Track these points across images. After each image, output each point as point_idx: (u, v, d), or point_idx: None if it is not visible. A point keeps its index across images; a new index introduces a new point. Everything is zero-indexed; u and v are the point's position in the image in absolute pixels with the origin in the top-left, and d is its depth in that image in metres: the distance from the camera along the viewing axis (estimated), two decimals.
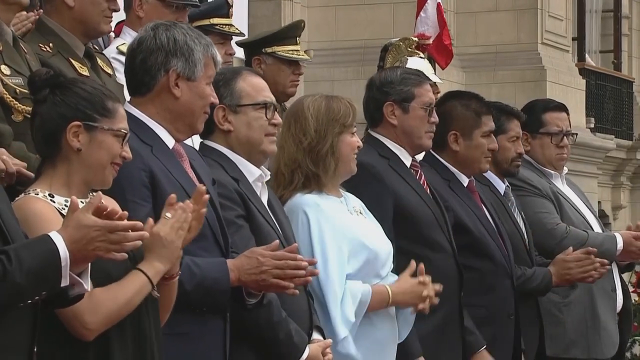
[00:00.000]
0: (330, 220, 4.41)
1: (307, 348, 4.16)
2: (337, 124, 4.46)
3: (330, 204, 4.46)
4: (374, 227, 4.57)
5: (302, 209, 4.40)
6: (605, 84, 15.24)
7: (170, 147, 3.89)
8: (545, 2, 12.56)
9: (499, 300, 5.20)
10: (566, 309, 5.64)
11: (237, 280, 3.85)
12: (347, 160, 4.48)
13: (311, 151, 4.44)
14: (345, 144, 4.47)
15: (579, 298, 5.73)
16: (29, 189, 3.46)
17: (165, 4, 5.18)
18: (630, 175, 15.68)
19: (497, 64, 12.24)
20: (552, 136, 5.94)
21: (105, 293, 3.33)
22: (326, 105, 4.49)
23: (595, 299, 5.77)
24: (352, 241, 4.43)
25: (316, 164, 4.44)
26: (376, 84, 5.00)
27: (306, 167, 4.44)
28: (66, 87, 3.48)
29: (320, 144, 4.44)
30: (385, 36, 7.72)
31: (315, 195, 4.44)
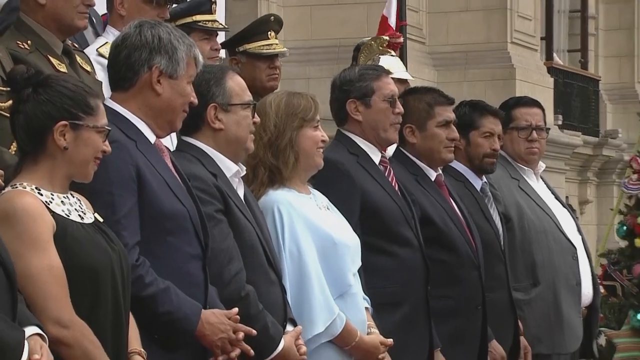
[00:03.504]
0: (302, 216, 4.42)
1: (282, 339, 4.18)
2: (297, 118, 4.47)
3: (301, 200, 4.47)
4: (341, 222, 4.59)
5: (276, 206, 4.41)
6: (572, 82, 15.31)
7: (152, 142, 3.91)
8: (514, 3, 12.60)
9: (466, 292, 5.21)
10: (527, 307, 5.66)
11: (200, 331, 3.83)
12: (309, 153, 4.49)
13: (271, 145, 4.46)
14: (306, 137, 4.48)
15: (541, 295, 5.75)
16: (14, 182, 3.47)
17: (145, 1, 5.17)
18: (596, 171, 15.74)
19: (468, 63, 12.27)
20: (520, 130, 5.96)
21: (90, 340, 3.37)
22: (286, 101, 4.51)
23: (559, 295, 5.79)
24: (322, 236, 4.44)
25: (276, 157, 4.45)
26: (337, 84, 5.04)
27: (267, 161, 4.45)
28: (49, 85, 3.50)
29: (280, 138, 4.45)
30: (359, 35, 7.74)
31: (286, 191, 4.45)
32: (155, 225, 3.78)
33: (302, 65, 10.32)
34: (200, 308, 3.84)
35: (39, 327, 3.20)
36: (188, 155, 4.15)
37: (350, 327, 4.45)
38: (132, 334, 3.57)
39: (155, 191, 3.79)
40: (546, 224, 5.88)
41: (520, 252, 5.73)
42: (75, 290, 3.38)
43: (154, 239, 3.78)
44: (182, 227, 3.83)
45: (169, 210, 3.80)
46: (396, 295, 4.88)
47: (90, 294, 3.42)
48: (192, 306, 3.81)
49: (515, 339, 5.57)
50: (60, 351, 3.28)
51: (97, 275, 3.42)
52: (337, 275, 4.46)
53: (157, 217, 3.78)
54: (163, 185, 3.81)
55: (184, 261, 3.84)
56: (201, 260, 3.90)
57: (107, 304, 3.45)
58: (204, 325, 3.82)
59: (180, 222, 3.83)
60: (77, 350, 3.34)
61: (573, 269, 5.89)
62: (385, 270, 4.83)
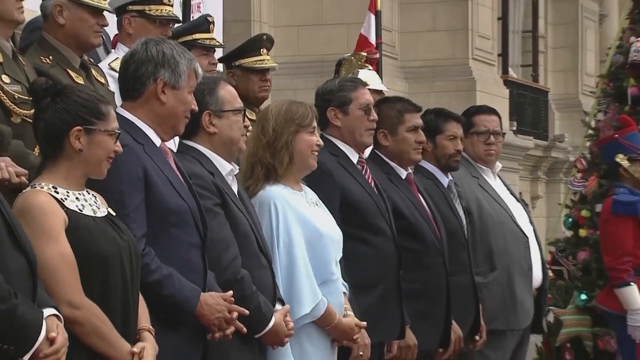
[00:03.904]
0: (294, 210, 4.39)
1: (273, 317, 4.16)
2: (294, 123, 4.44)
3: (293, 196, 4.44)
4: (327, 217, 4.56)
5: (272, 201, 4.37)
6: (525, 93, 15.32)
7: (158, 146, 3.88)
8: (474, 24, 12.60)
9: (432, 276, 5.19)
10: (485, 289, 5.64)
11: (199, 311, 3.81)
12: (303, 155, 4.46)
13: (269, 146, 4.42)
14: (302, 141, 4.45)
15: (497, 278, 5.73)
16: (34, 182, 3.46)
17: (149, 21, 5.15)
18: (546, 170, 15.76)
19: (435, 76, 12.27)
20: (480, 135, 5.95)
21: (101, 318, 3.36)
22: (286, 108, 4.48)
23: (513, 278, 5.78)
24: (310, 229, 4.41)
25: (273, 156, 4.42)
26: (320, 94, 5.03)
27: (265, 160, 4.42)
28: (65, 95, 3.47)
29: (277, 140, 4.42)
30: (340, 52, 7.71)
31: (281, 188, 4.41)
32: (160, 219, 3.76)
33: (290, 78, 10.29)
34: (199, 291, 3.81)
35: (56, 308, 3.18)
36: (188, 157, 4.13)
37: (331, 310, 4.42)
38: (142, 314, 3.54)
39: (160, 189, 3.76)
40: (502, 216, 5.87)
41: (480, 241, 5.72)
42: (87, 275, 3.36)
43: (159, 231, 3.75)
44: (184, 220, 3.81)
45: (172, 205, 3.78)
46: (372, 279, 4.86)
47: (100, 278, 3.39)
48: (192, 290, 3.78)
49: (476, 316, 5.54)
50: (73, 329, 3.26)
51: (107, 262, 3.39)
52: (322, 264, 4.43)
53: (161, 212, 3.76)
54: (167, 183, 3.79)
55: (185, 250, 3.81)
56: (200, 249, 3.87)
57: (116, 288, 3.42)
58: (203, 307, 3.79)
59: (182, 216, 3.80)
60: (88, 327, 3.31)
61: (525, 255, 5.88)
62: (363, 256, 4.81)
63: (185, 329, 3.81)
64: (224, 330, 3.87)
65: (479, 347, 5.57)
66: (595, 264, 7.16)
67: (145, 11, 5.15)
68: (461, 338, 5.35)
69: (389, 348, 4.96)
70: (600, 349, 6.99)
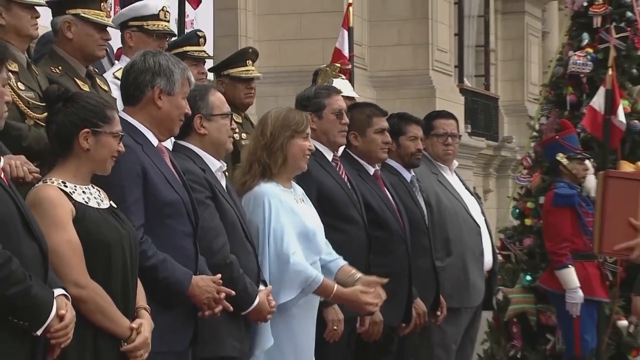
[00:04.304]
0: (285, 206, 4.35)
1: (257, 297, 4.13)
2: (290, 129, 4.40)
3: (284, 193, 4.39)
4: (312, 212, 4.52)
5: (267, 198, 4.33)
6: (478, 100, 15.34)
7: (155, 146, 3.84)
8: (434, 39, 12.60)
9: (397, 261, 5.16)
10: (442, 272, 5.62)
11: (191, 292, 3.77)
12: (295, 158, 4.41)
13: (266, 148, 4.39)
14: (295, 145, 4.41)
15: (453, 263, 5.71)
16: (45, 178, 3.44)
17: (147, 35, 5.11)
18: (496, 167, 15.79)
19: (400, 85, 12.25)
20: (439, 137, 5.92)
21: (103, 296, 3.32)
22: (284, 115, 4.44)
23: (467, 262, 5.76)
24: (298, 223, 4.37)
25: (269, 157, 4.38)
26: (298, 100, 4.99)
27: (262, 159, 4.38)
28: (75, 101, 3.45)
29: (274, 143, 4.38)
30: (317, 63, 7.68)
31: (274, 185, 4.37)
32: (156, 211, 3.72)
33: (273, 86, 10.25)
34: (191, 274, 3.78)
35: (64, 289, 3.16)
36: (182, 155, 4.10)
37: (327, 284, 4.34)
38: (140, 294, 3.51)
39: (156, 184, 3.73)
40: (457, 208, 5.85)
41: (438, 230, 5.70)
42: (92, 260, 3.33)
43: (156, 221, 3.72)
44: (178, 211, 3.78)
45: (167, 198, 3.75)
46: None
47: (104, 262, 3.36)
48: (184, 273, 3.75)
49: (437, 295, 5.53)
50: (79, 307, 3.23)
51: (110, 248, 3.37)
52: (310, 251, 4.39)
53: (158, 204, 3.72)
54: (163, 179, 3.76)
55: (179, 238, 3.78)
56: (192, 237, 3.84)
57: (117, 271, 3.39)
58: (194, 288, 3.76)
59: (176, 207, 3.77)
60: (92, 305, 3.28)
61: (477, 242, 5.87)
62: (337, 243, 4.76)
63: (178, 308, 3.77)
64: (213, 309, 3.84)
65: (440, 321, 5.56)
66: (538, 249, 7.17)
67: (144, 26, 5.11)
68: (425, 313, 5.33)
69: (362, 322, 4.94)
70: (543, 323, 6.99)
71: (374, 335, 4.99)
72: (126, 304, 3.41)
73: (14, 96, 3.83)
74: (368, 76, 12.17)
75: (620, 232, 4.05)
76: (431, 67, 12.57)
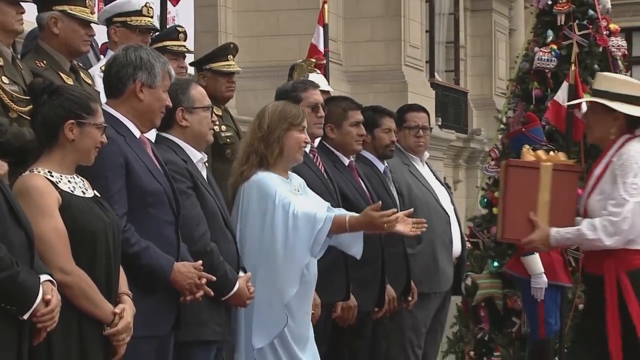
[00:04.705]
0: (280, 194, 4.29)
1: (237, 283, 4.12)
2: (286, 122, 4.39)
3: (282, 183, 4.35)
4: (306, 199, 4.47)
5: (268, 180, 4.28)
6: (448, 94, 15.37)
7: (138, 137, 3.82)
8: (406, 36, 12.60)
9: (370, 248, 5.12)
10: (413, 259, 5.63)
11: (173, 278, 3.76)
12: (291, 149, 4.39)
13: (264, 139, 4.37)
14: (291, 137, 4.39)
15: (423, 250, 5.72)
16: (32, 167, 3.41)
17: (131, 30, 5.10)
18: (465, 158, 15.84)
19: (373, 79, 12.26)
20: (411, 129, 5.93)
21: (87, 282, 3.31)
22: (281, 109, 4.43)
23: (436, 250, 5.77)
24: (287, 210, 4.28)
25: (266, 148, 4.36)
26: (278, 93, 4.98)
27: (259, 150, 4.36)
28: (60, 93, 3.43)
29: (270, 135, 4.36)
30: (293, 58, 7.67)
31: (270, 174, 4.35)
32: (139, 200, 3.71)
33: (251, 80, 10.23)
34: (173, 261, 3.77)
35: (50, 275, 3.15)
36: (164, 146, 4.08)
37: (338, 218, 4.26)
38: (122, 281, 3.50)
39: (139, 174, 3.71)
40: (428, 197, 5.86)
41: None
42: (78, 247, 3.32)
43: (138, 210, 3.70)
44: (160, 200, 3.76)
45: (149, 188, 3.73)
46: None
47: (89, 250, 3.35)
48: (166, 260, 3.74)
49: (408, 282, 5.55)
50: (64, 292, 3.22)
51: (94, 236, 3.36)
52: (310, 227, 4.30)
53: (140, 194, 3.71)
54: (145, 169, 3.74)
55: (161, 226, 3.77)
56: (174, 225, 3.83)
57: (101, 258, 3.38)
58: (176, 274, 3.76)
59: (158, 197, 3.76)
60: (77, 290, 3.28)
61: (447, 231, 5.88)
62: None
63: (161, 293, 3.77)
64: (194, 294, 3.83)
65: (411, 306, 5.57)
66: None
67: (127, 22, 5.10)
68: (395, 298, 5.34)
69: (335, 308, 4.94)
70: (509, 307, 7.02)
71: (348, 320, 5.00)
72: (109, 289, 3.40)
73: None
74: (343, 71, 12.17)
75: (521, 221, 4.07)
76: (403, 63, 12.58)
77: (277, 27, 11.27)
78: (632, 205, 4.16)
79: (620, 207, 4.21)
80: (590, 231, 4.21)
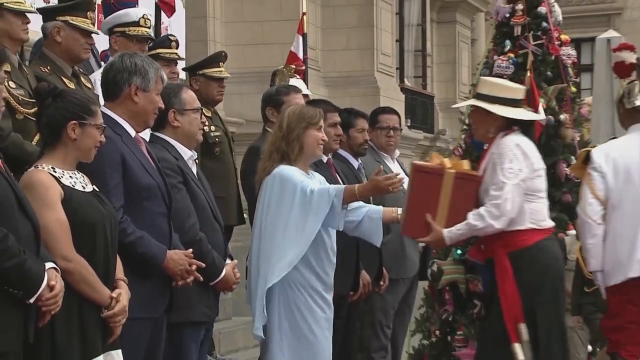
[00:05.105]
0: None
1: (224, 269, 4.12)
2: (304, 121, 4.35)
3: (300, 173, 4.29)
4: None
5: (290, 170, 4.24)
6: (416, 98, 15.41)
7: (133, 137, 3.81)
8: (379, 44, 12.63)
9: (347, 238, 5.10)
10: (383, 247, 5.62)
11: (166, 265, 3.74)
12: (310, 146, 4.34)
13: (284, 138, 4.32)
14: (310, 135, 4.34)
15: (391, 239, 5.68)
16: (37, 164, 3.39)
17: (129, 39, 5.10)
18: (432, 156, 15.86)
19: (349, 84, 12.26)
20: (382, 130, 5.93)
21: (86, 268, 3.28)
22: (300, 110, 4.40)
23: (404, 239, 5.74)
24: None
25: (287, 145, 4.31)
26: (264, 97, 4.99)
27: (281, 147, 4.32)
28: (64, 96, 3.42)
29: (290, 134, 4.32)
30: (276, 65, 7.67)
31: (290, 166, 4.30)
32: (134, 194, 3.69)
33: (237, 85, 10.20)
34: (165, 249, 3.76)
35: (54, 262, 3.14)
36: (158, 145, 4.07)
37: (349, 187, 4.21)
38: (119, 268, 3.49)
39: (134, 170, 3.70)
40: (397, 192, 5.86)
41: None
42: (78, 237, 3.30)
43: (134, 203, 3.69)
44: (154, 194, 3.75)
45: (144, 183, 3.72)
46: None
47: (88, 239, 3.34)
48: (159, 248, 3.73)
49: (380, 268, 5.55)
50: (65, 277, 3.20)
51: (94, 227, 3.34)
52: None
53: (135, 188, 3.70)
54: (140, 166, 3.73)
55: (154, 218, 3.76)
56: (167, 217, 3.82)
57: (100, 247, 3.37)
58: (168, 261, 3.75)
59: (152, 191, 3.75)
60: (77, 276, 3.26)
61: None
62: None
63: (155, 279, 3.76)
64: (185, 279, 3.82)
65: (382, 290, 5.58)
66: None
67: (126, 32, 5.12)
68: (369, 283, 5.35)
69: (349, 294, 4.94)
70: (471, 291, 7.04)
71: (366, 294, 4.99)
72: (107, 275, 3.39)
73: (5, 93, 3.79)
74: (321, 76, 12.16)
75: (420, 221, 4.09)
76: (376, 69, 12.60)
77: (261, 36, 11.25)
78: (510, 188, 4.17)
79: (500, 190, 4.22)
80: (479, 220, 4.20)
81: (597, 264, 4.60)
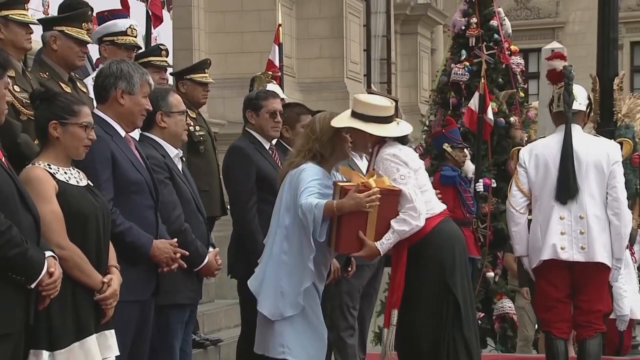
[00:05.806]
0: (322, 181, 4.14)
1: (207, 256, 4.11)
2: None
3: (321, 174, 4.17)
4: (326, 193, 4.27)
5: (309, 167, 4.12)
6: None
7: (123, 136, 3.78)
8: (348, 54, 12.64)
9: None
10: None
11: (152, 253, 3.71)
12: (341, 148, 4.24)
13: (318, 140, 4.18)
14: (340, 138, 4.23)
15: None
16: (34, 161, 3.36)
17: (117, 47, 5.06)
18: None
19: (321, 89, 12.26)
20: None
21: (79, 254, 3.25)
22: (329, 116, 4.29)
23: None
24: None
25: (321, 147, 4.18)
26: (245, 101, 4.94)
27: (314, 148, 4.18)
28: (48, 99, 3.39)
29: (324, 137, 4.19)
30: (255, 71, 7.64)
31: (315, 165, 4.17)
32: (124, 188, 3.67)
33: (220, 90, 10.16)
34: (152, 239, 3.74)
35: (53, 251, 3.11)
36: (146, 143, 4.06)
37: (328, 203, 4.04)
38: (112, 255, 3.45)
39: (124, 167, 3.68)
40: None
41: None
42: (72, 227, 3.27)
43: (123, 196, 3.67)
44: (142, 189, 3.73)
45: (132, 178, 3.70)
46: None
47: (81, 229, 3.31)
48: (146, 237, 3.71)
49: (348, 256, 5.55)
50: (60, 264, 3.16)
51: (87, 219, 3.31)
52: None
53: (125, 183, 3.67)
54: (129, 162, 3.71)
55: (142, 210, 3.73)
56: (154, 209, 3.80)
57: (92, 236, 3.34)
58: (155, 250, 3.73)
59: (140, 186, 3.72)
60: (71, 262, 3.23)
61: None
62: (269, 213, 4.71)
63: (143, 265, 3.73)
64: (170, 266, 3.81)
65: (350, 275, 5.57)
66: None
67: (115, 40, 5.07)
68: (339, 269, 5.34)
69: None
70: None
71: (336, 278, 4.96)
72: (99, 262, 3.36)
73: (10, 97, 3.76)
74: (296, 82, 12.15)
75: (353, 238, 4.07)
76: (345, 76, 12.60)
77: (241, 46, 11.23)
78: (412, 189, 4.14)
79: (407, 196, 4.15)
80: (404, 225, 4.12)
81: (521, 249, 4.80)
